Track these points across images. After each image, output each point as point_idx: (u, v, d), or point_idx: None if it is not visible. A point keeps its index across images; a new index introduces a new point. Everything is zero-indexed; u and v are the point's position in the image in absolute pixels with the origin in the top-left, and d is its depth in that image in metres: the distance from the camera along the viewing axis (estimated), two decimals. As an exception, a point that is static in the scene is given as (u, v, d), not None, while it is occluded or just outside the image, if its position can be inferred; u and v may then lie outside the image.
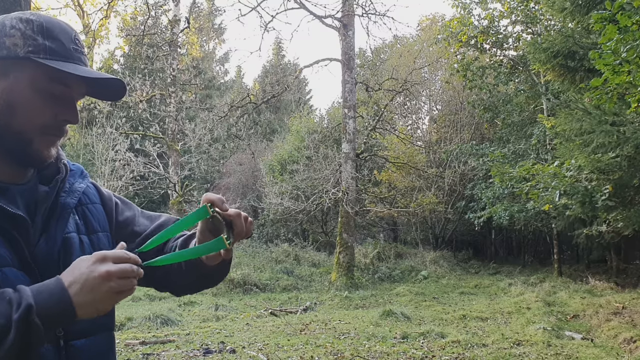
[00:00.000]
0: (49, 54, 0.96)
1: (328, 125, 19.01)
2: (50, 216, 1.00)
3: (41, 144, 0.98)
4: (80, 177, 1.11)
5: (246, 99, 15.18)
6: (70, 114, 1.00)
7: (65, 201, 1.03)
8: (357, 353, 5.57)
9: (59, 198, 1.03)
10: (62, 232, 1.00)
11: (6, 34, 0.95)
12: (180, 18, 15.05)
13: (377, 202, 16.73)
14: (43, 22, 0.98)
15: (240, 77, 32.79)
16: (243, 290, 11.28)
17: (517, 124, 14.97)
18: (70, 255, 0.98)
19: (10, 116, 0.95)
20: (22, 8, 2.89)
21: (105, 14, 15.35)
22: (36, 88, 0.96)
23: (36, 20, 0.97)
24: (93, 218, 1.10)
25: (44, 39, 0.96)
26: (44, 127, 0.97)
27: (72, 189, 1.07)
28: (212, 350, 5.78)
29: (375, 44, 28.35)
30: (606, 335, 6.35)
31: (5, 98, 0.95)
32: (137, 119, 17.69)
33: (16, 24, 0.96)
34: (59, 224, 1.01)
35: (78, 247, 1.01)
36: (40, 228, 0.98)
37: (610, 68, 4.71)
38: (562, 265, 13.05)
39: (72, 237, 1.02)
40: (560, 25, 10.95)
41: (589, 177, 7.22)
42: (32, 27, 0.96)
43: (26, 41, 0.95)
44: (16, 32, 0.95)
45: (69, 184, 1.07)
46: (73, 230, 1.03)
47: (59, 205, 1.02)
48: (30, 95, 0.96)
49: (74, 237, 1.02)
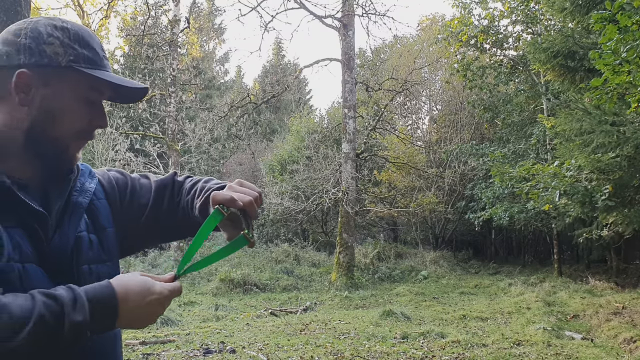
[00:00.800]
0: (88, 63, 0.98)
1: (328, 125, 19.01)
2: (64, 214, 1.01)
3: (74, 150, 1.01)
4: (89, 176, 1.12)
5: (246, 99, 15.19)
6: (103, 119, 1.04)
7: (77, 200, 1.05)
8: (357, 353, 5.57)
9: (71, 197, 1.04)
10: (74, 230, 1.01)
11: (44, 41, 0.96)
12: (180, 18, 15.04)
13: (377, 202, 16.74)
14: (77, 30, 1.00)
15: (240, 77, 32.79)
16: (243, 290, 11.28)
17: (517, 124, 14.97)
18: (81, 254, 1.01)
19: (49, 123, 0.97)
20: (22, 8, 2.89)
21: (105, 14, 15.34)
22: (77, 96, 0.98)
23: (71, 29, 0.99)
24: (101, 215, 1.10)
25: (81, 47, 0.98)
26: (78, 133, 1.01)
27: (83, 188, 1.08)
28: (212, 350, 5.78)
29: (375, 44, 28.37)
30: (606, 335, 6.35)
31: (46, 106, 0.96)
32: (137, 119, 17.70)
33: (52, 31, 0.96)
34: (72, 222, 1.02)
35: (87, 246, 1.03)
36: (54, 225, 0.99)
37: (610, 68, 4.71)
38: (562, 265, 13.05)
39: (83, 236, 1.03)
40: (560, 25, 10.95)
41: (589, 177, 7.23)
42: (68, 35, 0.98)
43: (66, 50, 0.96)
44: (55, 41, 0.96)
45: (80, 184, 1.08)
46: (84, 229, 1.04)
47: (71, 203, 1.03)
48: (71, 103, 0.98)
49: (85, 236, 1.04)
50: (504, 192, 12.27)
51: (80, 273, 0.99)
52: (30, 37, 0.96)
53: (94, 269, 1.03)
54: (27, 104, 0.96)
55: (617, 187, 7.07)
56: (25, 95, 0.95)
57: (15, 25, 1.00)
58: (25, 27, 0.97)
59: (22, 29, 0.97)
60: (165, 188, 1.21)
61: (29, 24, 0.98)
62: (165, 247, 16.12)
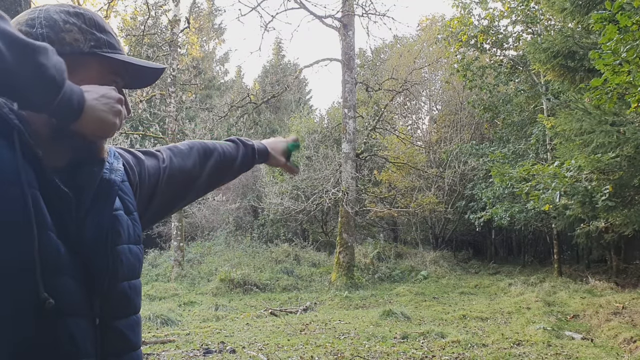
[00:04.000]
0: (108, 47, 0.96)
1: (328, 125, 19.01)
2: (99, 193, 0.98)
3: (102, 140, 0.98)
4: (114, 157, 1.09)
5: (246, 99, 15.18)
6: (127, 105, 0.99)
7: (110, 177, 1.00)
8: (357, 353, 5.56)
9: (104, 174, 1.01)
10: (110, 209, 0.98)
11: (62, 29, 0.92)
12: (180, 18, 15.04)
13: (377, 202, 16.74)
14: (91, 15, 0.96)
15: (240, 77, 32.77)
16: (243, 290, 11.27)
17: (517, 124, 14.97)
18: (119, 234, 0.98)
19: None
20: (22, 8, 2.89)
21: (105, 14, 15.33)
22: (102, 82, 0.94)
23: (85, 14, 0.96)
24: (127, 197, 1.08)
25: (99, 32, 0.95)
26: None
27: (113, 167, 1.04)
28: (212, 350, 5.78)
29: (375, 44, 28.36)
30: (606, 335, 6.35)
31: None
32: (137, 119, 17.69)
33: (67, 18, 0.93)
34: (108, 201, 0.98)
35: (125, 224, 1.00)
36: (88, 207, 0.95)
37: (610, 68, 4.71)
38: (562, 265, 13.05)
39: (120, 215, 1.00)
40: (560, 25, 10.95)
41: (589, 177, 7.23)
42: (84, 20, 0.94)
43: (86, 36, 0.93)
44: (72, 27, 0.92)
45: (109, 164, 1.05)
46: (121, 208, 1.01)
47: (104, 181, 1.00)
48: None
49: (122, 215, 1.01)
50: (504, 192, 12.27)
51: (115, 254, 0.96)
52: (46, 25, 0.91)
53: (132, 249, 1.02)
54: None
55: (617, 187, 7.08)
56: None
57: (23, 16, 0.94)
58: (37, 15, 0.93)
59: (35, 18, 0.92)
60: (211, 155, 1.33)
61: (39, 12, 0.93)
62: (165, 247, 16.13)
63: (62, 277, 0.87)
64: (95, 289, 0.92)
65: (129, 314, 1.01)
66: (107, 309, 0.95)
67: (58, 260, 0.87)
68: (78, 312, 0.90)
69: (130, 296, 1.01)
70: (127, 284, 1.00)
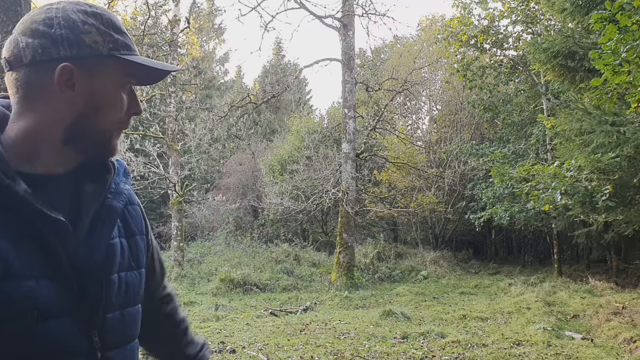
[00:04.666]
0: (125, 49, 0.93)
1: (328, 125, 19.01)
2: (97, 218, 0.95)
3: (116, 140, 0.97)
4: (124, 175, 1.06)
5: (246, 99, 15.18)
6: (139, 106, 0.98)
7: (112, 204, 0.98)
8: (357, 353, 5.56)
9: (105, 199, 0.98)
10: (107, 237, 0.96)
11: (81, 30, 0.89)
12: (180, 18, 15.04)
13: (377, 202, 16.74)
14: (108, 16, 0.94)
15: (240, 77, 32.78)
16: (243, 290, 11.27)
17: (517, 124, 14.97)
18: (112, 264, 0.95)
19: (95, 116, 0.91)
20: (22, 8, 2.89)
21: (105, 14, 15.32)
22: (118, 84, 0.93)
23: (102, 14, 0.93)
24: (132, 220, 1.05)
25: (116, 33, 0.93)
26: (120, 122, 0.96)
27: (117, 190, 1.01)
28: (212, 350, 5.77)
29: (375, 44, 28.40)
30: (606, 335, 6.35)
31: (92, 99, 0.90)
32: (137, 119, 17.69)
33: (86, 18, 0.90)
34: (105, 229, 0.95)
35: (120, 254, 0.98)
36: (87, 231, 0.92)
37: (610, 68, 4.71)
38: (562, 265, 13.04)
39: (116, 244, 0.97)
40: (560, 26, 10.95)
41: (589, 177, 7.22)
42: (102, 21, 0.92)
43: (104, 37, 0.90)
44: (91, 29, 0.89)
45: (115, 184, 1.01)
46: (117, 235, 0.99)
47: (105, 207, 0.97)
48: (114, 93, 0.93)
49: (117, 244, 0.98)
50: (504, 192, 12.26)
51: (109, 283, 0.94)
52: (65, 26, 0.88)
53: (123, 278, 0.99)
54: (74, 100, 0.89)
55: (617, 187, 7.07)
56: (71, 90, 0.88)
57: (39, 13, 0.90)
58: (55, 15, 0.89)
59: (53, 17, 0.88)
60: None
61: (57, 11, 0.89)
62: (165, 247, 16.12)
63: (59, 321, 0.85)
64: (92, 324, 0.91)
65: (123, 344, 0.99)
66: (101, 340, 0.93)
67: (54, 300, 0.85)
68: (79, 353, 0.89)
69: (126, 325, 0.99)
70: (120, 313, 0.97)
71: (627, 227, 8.25)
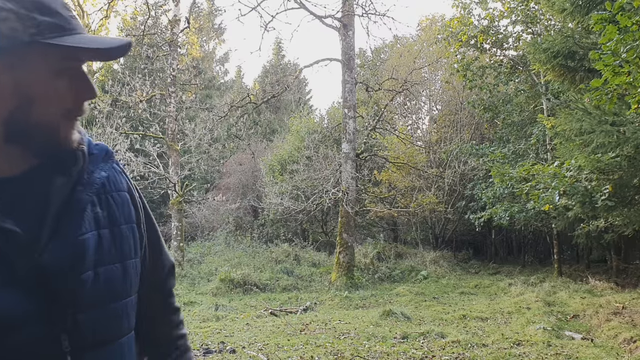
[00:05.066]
0: (54, 31, 0.83)
1: (328, 125, 19.01)
2: (64, 214, 0.88)
3: (67, 130, 0.88)
4: (103, 161, 0.98)
5: (246, 99, 15.18)
6: (90, 90, 0.89)
7: (79, 197, 0.91)
8: (357, 353, 5.57)
9: (74, 192, 0.90)
10: (74, 234, 0.88)
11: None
12: (180, 18, 15.04)
13: (377, 202, 16.74)
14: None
15: (240, 77, 32.79)
16: (243, 290, 11.28)
17: (517, 124, 14.97)
18: (81, 262, 0.88)
19: (29, 109, 0.83)
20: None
21: (105, 14, 15.34)
22: (52, 71, 0.84)
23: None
24: (117, 208, 0.98)
25: (42, 14, 0.82)
26: (66, 111, 0.87)
27: (90, 180, 0.94)
28: (212, 350, 5.78)
29: (375, 44, 28.41)
30: (606, 335, 6.35)
31: (21, 92, 0.82)
32: (137, 119, 17.69)
33: (3, 4, 0.80)
34: (71, 225, 0.88)
35: (93, 249, 0.91)
36: (51, 230, 0.86)
37: (610, 69, 4.71)
38: (562, 265, 13.04)
39: (86, 240, 0.90)
40: (560, 26, 10.95)
41: (589, 177, 7.23)
42: (22, 4, 0.82)
43: (25, 22, 0.81)
44: (9, 15, 0.80)
45: (88, 174, 0.94)
46: (90, 228, 0.91)
47: (73, 201, 0.90)
48: (49, 82, 0.84)
49: (89, 239, 0.90)
50: (504, 192, 12.27)
51: (77, 283, 0.87)
52: None
53: (102, 273, 0.92)
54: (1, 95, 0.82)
55: (617, 187, 7.08)
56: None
57: None
58: None
59: None
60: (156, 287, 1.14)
61: None
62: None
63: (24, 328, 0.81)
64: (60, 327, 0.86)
65: (103, 344, 0.92)
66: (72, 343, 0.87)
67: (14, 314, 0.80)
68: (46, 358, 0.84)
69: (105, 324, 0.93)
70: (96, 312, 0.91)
71: (626, 227, 8.25)
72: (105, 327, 0.93)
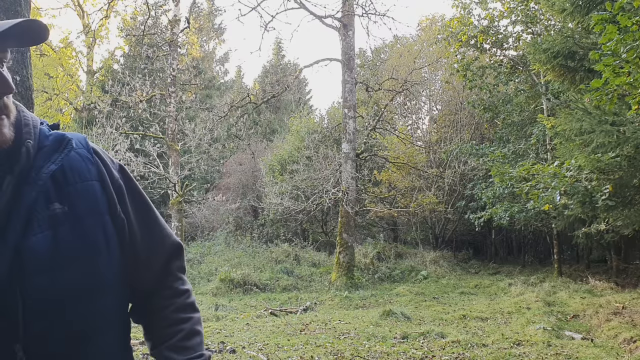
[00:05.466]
0: None
1: (328, 125, 19.01)
2: (8, 217, 0.82)
3: None
4: (56, 152, 0.91)
5: (246, 99, 15.19)
6: (3, 84, 0.82)
7: (26, 196, 0.84)
8: (357, 353, 5.56)
9: (21, 192, 0.84)
10: (15, 239, 0.82)
11: None
12: (180, 18, 15.05)
13: (377, 202, 16.74)
14: None
15: (240, 77, 32.79)
16: (243, 290, 11.28)
17: (517, 124, 14.97)
18: (29, 263, 0.82)
19: None
20: (22, 8, 2.89)
21: (105, 14, 15.35)
22: None
23: None
24: (81, 200, 0.90)
25: None
26: None
27: (37, 177, 0.86)
28: (212, 350, 5.77)
29: (375, 44, 28.40)
30: (606, 335, 6.35)
31: None
32: (137, 119, 17.68)
33: None
34: (12, 230, 0.82)
35: (47, 248, 0.84)
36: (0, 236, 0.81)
37: (610, 69, 4.71)
38: (562, 265, 13.04)
39: (36, 241, 0.83)
40: (560, 26, 10.94)
41: (589, 177, 7.23)
42: None
43: None
44: None
45: (35, 171, 0.87)
46: (41, 229, 0.84)
47: (19, 201, 0.84)
48: None
49: (39, 240, 0.84)
50: (504, 192, 12.27)
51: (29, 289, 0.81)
52: None
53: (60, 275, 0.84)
54: None
55: (617, 187, 7.08)
56: None
57: None
58: None
59: None
60: None
61: None
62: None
63: None
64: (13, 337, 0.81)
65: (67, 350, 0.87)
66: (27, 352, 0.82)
67: None
68: None
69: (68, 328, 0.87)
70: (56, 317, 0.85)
71: (626, 227, 8.25)
72: (65, 332, 0.87)
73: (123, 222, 0.98)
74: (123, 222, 0.98)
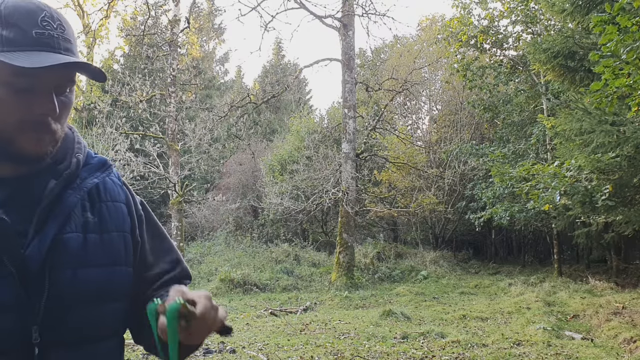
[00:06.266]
0: (6, 46, 0.85)
1: (328, 125, 19.01)
2: (51, 214, 0.93)
3: (25, 142, 0.90)
4: (98, 170, 1.04)
5: (246, 99, 15.19)
6: (44, 106, 0.89)
7: (66, 199, 0.95)
8: (357, 353, 5.57)
9: (64, 194, 0.96)
10: (54, 231, 0.92)
11: None
12: (180, 18, 15.04)
13: (377, 202, 16.74)
14: (1, 9, 0.87)
15: (240, 77, 32.79)
16: (243, 290, 11.28)
17: (517, 124, 14.98)
18: (61, 256, 0.91)
19: None
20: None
21: (105, 14, 15.35)
22: (1, 84, 0.87)
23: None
24: (110, 216, 1.02)
25: (2, 28, 0.86)
26: (20, 124, 0.89)
27: (81, 185, 0.99)
28: (212, 350, 5.78)
29: (375, 44, 28.42)
30: (606, 335, 6.35)
31: None
32: (137, 119, 17.68)
33: None
34: (53, 223, 0.92)
35: (77, 247, 0.94)
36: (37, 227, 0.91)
37: (610, 70, 4.71)
38: (562, 265, 13.05)
39: (69, 238, 0.94)
40: (560, 26, 10.95)
41: (589, 177, 7.23)
42: None
43: None
44: None
45: (80, 180, 0.99)
46: (75, 230, 0.95)
47: (59, 202, 0.95)
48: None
49: (72, 238, 0.94)
50: (504, 192, 12.27)
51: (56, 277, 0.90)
52: None
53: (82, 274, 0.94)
54: None
55: (617, 187, 7.08)
56: None
57: None
58: None
59: None
60: None
61: None
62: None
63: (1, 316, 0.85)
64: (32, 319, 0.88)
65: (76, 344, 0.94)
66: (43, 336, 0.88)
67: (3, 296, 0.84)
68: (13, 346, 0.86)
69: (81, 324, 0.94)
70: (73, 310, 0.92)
71: (627, 227, 8.25)
72: (83, 326, 0.94)
73: (138, 244, 1.09)
74: (138, 244, 1.09)
